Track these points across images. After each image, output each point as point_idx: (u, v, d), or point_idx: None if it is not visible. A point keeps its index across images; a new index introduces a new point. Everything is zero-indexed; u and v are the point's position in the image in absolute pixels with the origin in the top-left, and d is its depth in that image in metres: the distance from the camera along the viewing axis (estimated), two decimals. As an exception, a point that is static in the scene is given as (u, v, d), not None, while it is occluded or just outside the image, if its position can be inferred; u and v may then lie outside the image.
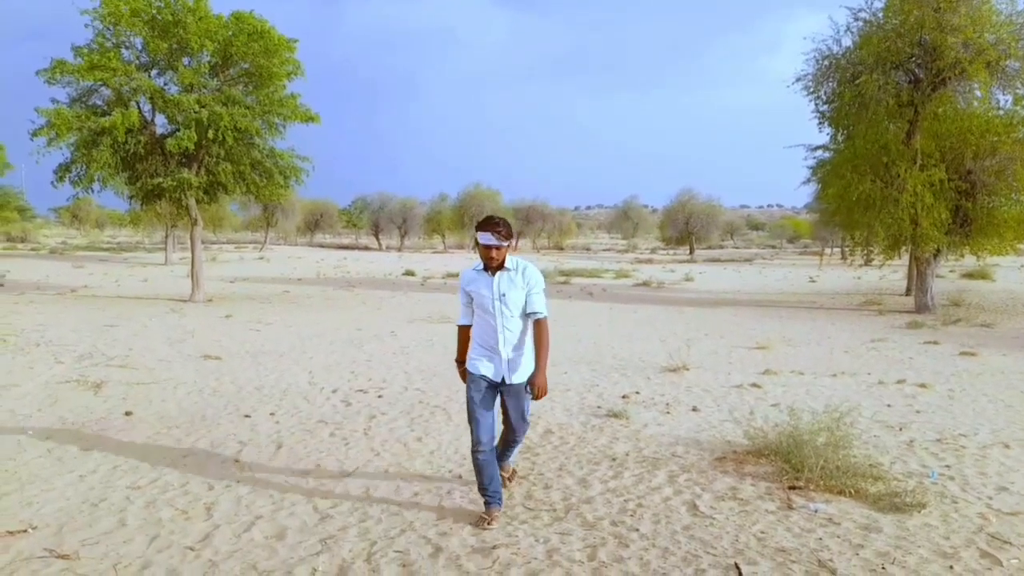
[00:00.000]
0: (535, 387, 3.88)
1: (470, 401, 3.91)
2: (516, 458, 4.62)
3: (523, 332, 3.90)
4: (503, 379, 3.88)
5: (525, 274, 3.88)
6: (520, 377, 3.90)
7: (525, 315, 3.88)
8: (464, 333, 4.10)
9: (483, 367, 3.90)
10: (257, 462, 4.92)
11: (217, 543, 3.60)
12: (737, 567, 3.34)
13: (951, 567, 3.35)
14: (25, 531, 3.70)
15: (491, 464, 3.90)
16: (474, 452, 3.86)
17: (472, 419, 3.89)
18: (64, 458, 4.94)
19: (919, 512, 3.98)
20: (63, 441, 5.32)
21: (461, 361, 4.12)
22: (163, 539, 3.63)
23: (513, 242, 4.31)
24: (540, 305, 3.88)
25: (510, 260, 3.90)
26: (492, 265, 3.83)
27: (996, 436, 5.64)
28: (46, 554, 3.43)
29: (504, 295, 3.83)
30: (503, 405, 4.01)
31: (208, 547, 3.55)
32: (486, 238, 3.80)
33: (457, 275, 25.08)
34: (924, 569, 3.33)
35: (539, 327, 3.89)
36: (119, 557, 3.42)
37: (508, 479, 4.39)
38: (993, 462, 4.96)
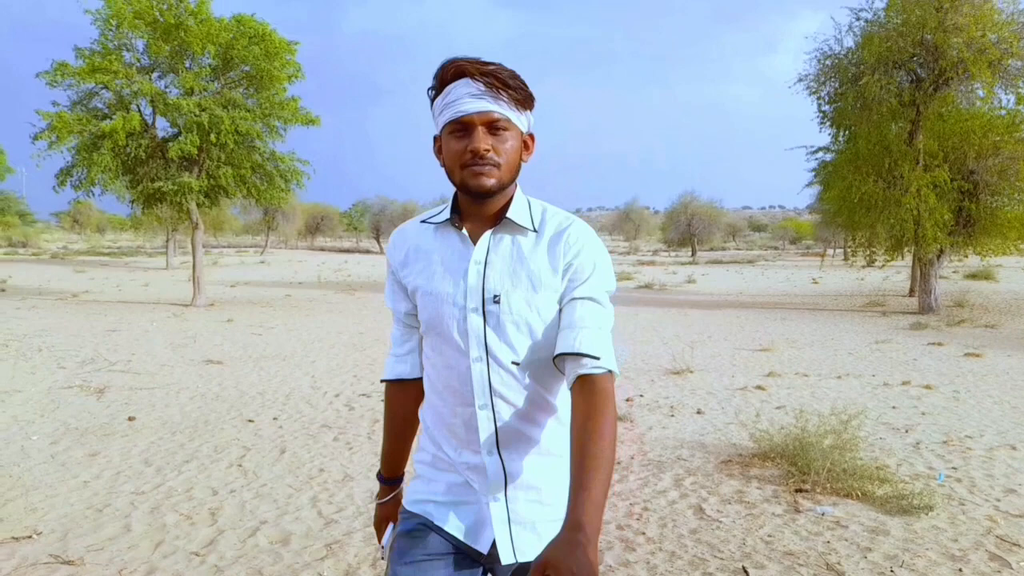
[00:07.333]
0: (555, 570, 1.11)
1: None
2: None
3: (543, 406, 1.47)
4: (492, 549, 1.45)
5: (567, 242, 1.44)
6: (539, 543, 1.41)
7: (549, 363, 1.43)
8: (398, 401, 1.67)
9: (439, 509, 1.51)
10: (261, 467, 4.90)
11: (222, 548, 3.58)
12: (745, 571, 3.33)
13: (960, 570, 3.33)
14: (30, 537, 3.68)
15: None
16: None
17: None
18: (68, 464, 4.92)
19: (927, 514, 3.96)
20: (67, 447, 5.31)
21: (390, 477, 1.73)
22: (168, 544, 3.62)
23: (532, 119, 1.46)
24: (599, 340, 1.37)
25: (522, 202, 1.49)
26: (479, 186, 1.40)
27: (1002, 438, 5.61)
28: (51, 560, 3.41)
29: (498, 297, 1.42)
30: None
31: (213, 552, 3.53)
32: (462, 97, 1.39)
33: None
34: (933, 572, 3.31)
35: (594, 401, 1.32)
36: (124, 563, 3.40)
37: None
38: (1000, 464, 4.94)
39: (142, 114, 15.29)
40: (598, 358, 1.35)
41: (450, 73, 1.42)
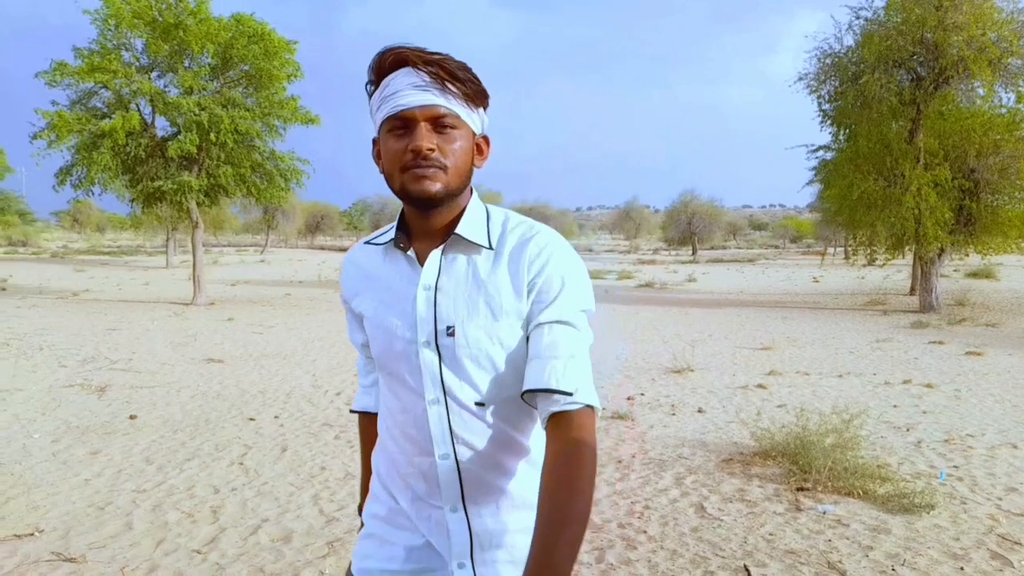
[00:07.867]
0: None
1: None
2: None
3: (515, 450, 1.27)
4: None
5: (529, 256, 1.21)
6: None
7: (519, 400, 1.22)
8: (369, 433, 1.51)
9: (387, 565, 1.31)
10: (262, 465, 4.90)
11: (224, 546, 3.58)
12: (746, 569, 3.33)
13: (962, 568, 3.33)
14: (32, 534, 3.68)
15: None
16: None
17: None
18: (69, 462, 4.92)
19: (928, 513, 3.96)
20: (68, 445, 5.31)
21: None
22: (170, 542, 3.62)
23: (485, 119, 1.26)
24: (572, 372, 1.15)
25: (478, 213, 1.27)
26: (421, 191, 1.18)
27: (1004, 436, 5.61)
28: (53, 557, 3.42)
29: (452, 328, 1.21)
30: None
31: (215, 550, 3.53)
32: (402, 88, 1.17)
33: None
34: (934, 570, 3.31)
35: (568, 441, 1.12)
36: (126, 560, 3.40)
37: None
38: (1001, 462, 4.94)
39: (141, 113, 15.28)
40: (571, 393, 1.14)
41: (388, 62, 1.19)
